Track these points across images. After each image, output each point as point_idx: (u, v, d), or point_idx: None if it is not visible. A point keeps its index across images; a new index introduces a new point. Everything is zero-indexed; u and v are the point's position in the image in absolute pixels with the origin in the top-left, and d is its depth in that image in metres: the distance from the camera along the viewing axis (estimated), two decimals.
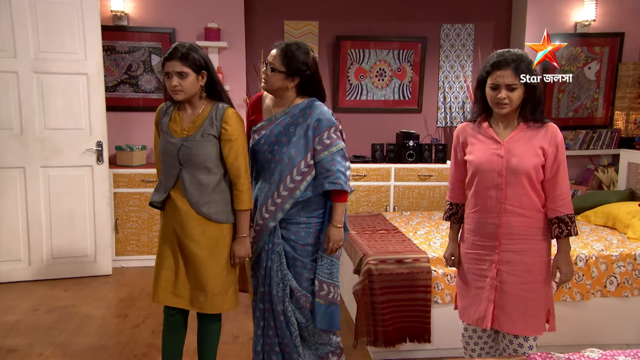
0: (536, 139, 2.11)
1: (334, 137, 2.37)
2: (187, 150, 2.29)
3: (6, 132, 4.13)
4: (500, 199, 2.11)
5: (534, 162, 2.08)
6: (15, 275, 4.25)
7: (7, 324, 3.47)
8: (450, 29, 5.47)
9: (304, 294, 2.46)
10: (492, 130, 2.17)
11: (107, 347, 3.16)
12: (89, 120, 4.26)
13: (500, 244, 2.14)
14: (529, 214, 2.12)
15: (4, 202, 4.17)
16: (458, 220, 2.35)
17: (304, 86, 2.41)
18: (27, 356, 3.04)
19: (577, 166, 5.42)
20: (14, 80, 4.09)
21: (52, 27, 4.11)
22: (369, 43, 5.35)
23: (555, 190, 2.11)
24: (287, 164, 2.37)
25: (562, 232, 2.12)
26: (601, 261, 3.03)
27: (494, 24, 5.52)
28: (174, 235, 2.36)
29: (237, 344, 3.21)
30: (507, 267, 2.14)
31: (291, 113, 2.39)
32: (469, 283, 2.25)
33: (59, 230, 4.31)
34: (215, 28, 4.82)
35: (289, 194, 2.37)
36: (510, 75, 2.03)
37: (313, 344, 2.56)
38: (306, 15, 5.30)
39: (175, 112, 2.37)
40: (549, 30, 5.16)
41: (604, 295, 3.04)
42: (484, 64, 2.13)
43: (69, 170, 4.27)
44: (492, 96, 2.08)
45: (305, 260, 2.45)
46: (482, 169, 2.14)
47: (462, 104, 5.55)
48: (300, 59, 2.32)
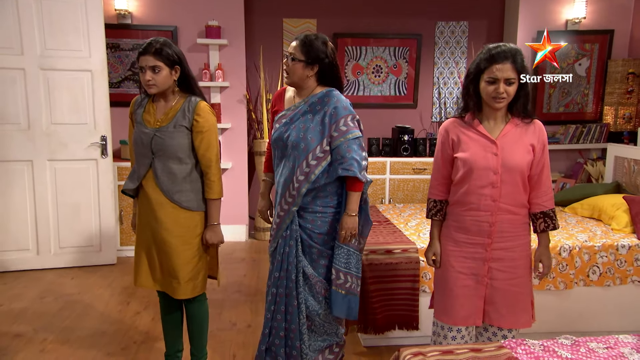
0: (526, 135, 2.07)
1: (351, 124, 2.35)
2: (160, 141, 2.32)
3: (14, 126, 4.16)
4: (495, 197, 2.05)
5: (527, 160, 2.05)
6: (24, 264, 4.29)
7: (15, 311, 3.51)
8: (445, 26, 5.45)
9: (319, 279, 2.45)
10: (482, 127, 2.09)
11: (107, 333, 3.19)
12: (93, 116, 4.28)
13: (492, 241, 2.09)
14: (518, 211, 2.10)
15: (12, 194, 4.21)
16: (443, 217, 2.25)
17: (323, 75, 2.41)
18: (31, 341, 3.08)
19: (567, 160, 5.41)
20: (21, 76, 4.12)
21: (57, 25, 4.12)
22: (366, 40, 5.33)
23: (541, 186, 2.10)
24: (304, 149, 2.36)
25: (547, 227, 2.11)
26: (584, 251, 3.04)
27: (487, 21, 5.49)
28: (147, 222, 2.40)
29: (234, 330, 3.24)
30: (497, 264, 2.11)
31: (310, 101, 2.41)
32: (454, 282, 2.16)
33: (65, 221, 4.34)
34: (215, 26, 4.82)
35: (305, 178, 2.36)
36: (509, 69, 1.96)
37: (321, 334, 2.55)
38: (305, 13, 5.29)
39: (150, 104, 2.40)
40: (540, 27, 5.17)
41: (586, 285, 3.05)
42: (478, 58, 2.04)
43: (75, 163, 4.30)
44: (489, 90, 2.00)
45: (321, 248, 2.44)
46: (478, 167, 2.05)
47: (457, 99, 5.53)
48: (319, 47, 2.35)
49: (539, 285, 3.00)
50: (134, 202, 2.50)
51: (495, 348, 1.71)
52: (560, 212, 3.90)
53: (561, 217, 3.73)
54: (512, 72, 1.96)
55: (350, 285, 2.46)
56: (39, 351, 2.96)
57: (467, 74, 2.09)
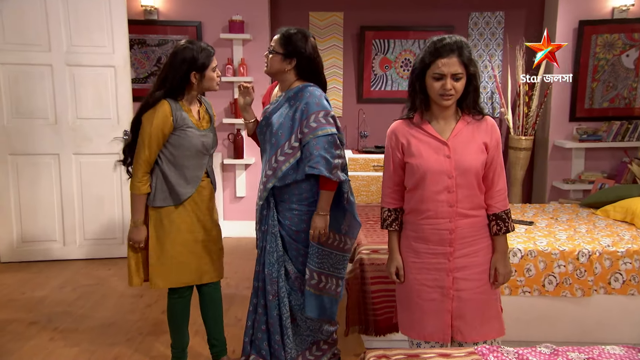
0: (478, 133, 1.98)
1: (323, 121, 2.34)
2: (215, 139, 2.63)
3: (43, 121, 4.39)
4: (452, 202, 1.96)
5: (480, 159, 1.96)
6: (51, 254, 4.53)
7: (35, 299, 3.71)
8: (479, 17, 5.29)
9: (299, 276, 2.50)
10: (431, 127, 1.99)
11: (116, 324, 3.32)
12: (116, 111, 4.45)
13: (454, 250, 1.99)
14: (476, 214, 2.01)
15: (41, 186, 4.44)
16: (399, 227, 2.12)
17: (302, 69, 2.44)
18: (44, 329, 3.25)
19: (611, 159, 5.14)
20: (48, 72, 4.33)
21: (82, 22, 4.30)
22: (394, 33, 5.26)
23: (494, 186, 2.01)
24: (274, 145, 2.41)
25: (500, 229, 2.00)
26: (605, 257, 2.88)
27: (526, 11, 5.29)
28: (198, 220, 2.57)
29: (237, 326, 3.29)
30: (462, 273, 2.01)
31: (286, 96, 2.44)
32: (418, 295, 2.05)
33: (90, 213, 4.54)
34: (239, 20, 4.89)
35: (272, 174, 2.40)
36: (455, 64, 1.87)
37: (305, 329, 2.59)
38: (331, 6, 5.28)
39: (184, 108, 2.50)
40: (583, 16, 4.93)
41: (607, 292, 2.89)
42: (422, 52, 1.95)
43: (98, 157, 4.48)
44: (436, 87, 1.90)
45: (299, 245, 2.48)
46: (431, 173, 1.95)
47: (491, 94, 5.37)
48: (297, 41, 2.39)
49: (553, 292, 2.87)
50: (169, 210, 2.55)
51: (466, 354, 1.65)
52: (591, 214, 3.71)
53: (590, 220, 3.55)
54: (459, 67, 1.87)
55: (325, 285, 2.48)
56: (49, 339, 3.12)
57: (412, 69, 1.98)
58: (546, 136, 5.22)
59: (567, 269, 2.86)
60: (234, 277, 4.18)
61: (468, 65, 1.89)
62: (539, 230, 3.27)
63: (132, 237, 2.53)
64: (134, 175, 2.49)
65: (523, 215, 3.65)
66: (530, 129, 5.06)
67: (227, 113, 5.14)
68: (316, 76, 2.47)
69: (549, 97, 5.10)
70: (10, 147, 4.37)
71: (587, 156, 5.18)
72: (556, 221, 3.50)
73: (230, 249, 4.94)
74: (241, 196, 5.26)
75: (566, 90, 5.08)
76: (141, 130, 2.46)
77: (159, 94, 2.44)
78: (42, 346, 3.03)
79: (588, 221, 3.51)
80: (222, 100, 5.08)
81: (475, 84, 1.95)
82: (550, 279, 2.87)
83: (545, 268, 2.87)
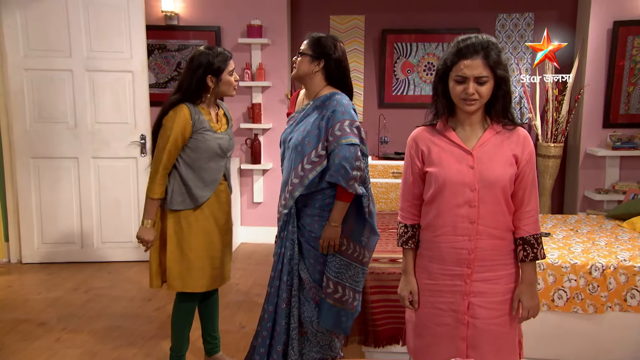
0: (508, 144, 1.83)
1: (347, 130, 2.36)
2: (233, 142, 2.74)
3: (63, 125, 4.58)
4: (473, 218, 1.82)
5: (509, 173, 1.81)
6: (69, 257, 4.71)
7: (48, 300, 3.87)
8: (507, 19, 5.20)
9: (314, 285, 2.49)
10: (455, 135, 1.87)
11: (122, 327, 3.43)
12: (134, 115, 4.60)
13: (472, 272, 1.84)
14: (502, 235, 1.86)
15: (61, 189, 4.64)
16: (416, 245, 1.99)
17: (330, 73, 2.48)
18: (52, 330, 3.39)
19: None
20: (69, 77, 4.53)
21: (102, 28, 4.48)
22: (417, 36, 5.24)
23: (525, 205, 1.85)
24: (300, 152, 2.42)
25: (527, 256, 1.85)
26: (621, 272, 2.78)
27: (557, 11, 5.16)
28: (216, 223, 2.68)
29: (240, 333, 3.35)
30: (480, 299, 1.86)
31: (315, 104, 2.48)
32: (430, 319, 1.94)
33: (107, 217, 4.70)
34: (257, 25, 4.98)
35: (299, 182, 2.41)
36: (480, 66, 1.74)
37: (315, 345, 2.57)
38: (352, 9, 5.31)
39: (203, 111, 2.61)
40: (618, 17, 4.78)
41: (623, 310, 2.79)
42: (446, 53, 1.83)
43: (116, 161, 4.65)
44: (458, 91, 1.78)
45: (317, 252, 2.47)
46: (451, 183, 1.82)
47: (519, 99, 5.26)
48: (326, 43, 2.46)
49: (564, 307, 2.79)
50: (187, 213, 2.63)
51: None
52: (616, 226, 3.58)
53: (613, 232, 3.43)
54: (484, 69, 1.74)
55: (342, 297, 2.46)
56: (55, 340, 3.25)
57: (436, 71, 1.88)
58: (578, 143, 5.07)
59: (579, 284, 2.78)
60: (246, 283, 4.25)
61: (495, 68, 1.75)
62: (554, 242, 3.18)
63: (140, 236, 2.61)
64: (152, 178, 2.57)
65: (542, 227, 3.56)
66: (560, 136, 4.93)
67: (245, 118, 5.23)
68: (343, 81, 2.51)
69: (580, 102, 4.96)
70: (32, 151, 4.58)
71: (623, 165, 5.00)
72: (576, 233, 3.40)
73: (246, 254, 5.03)
74: (259, 202, 5.33)
75: (599, 94, 4.92)
76: (161, 134, 2.55)
77: (176, 97, 2.56)
78: (47, 347, 3.16)
79: (611, 233, 3.39)
80: (240, 105, 5.17)
81: (505, 89, 1.80)
82: (560, 293, 2.79)
83: (554, 282, 2.79)
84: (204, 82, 2.57)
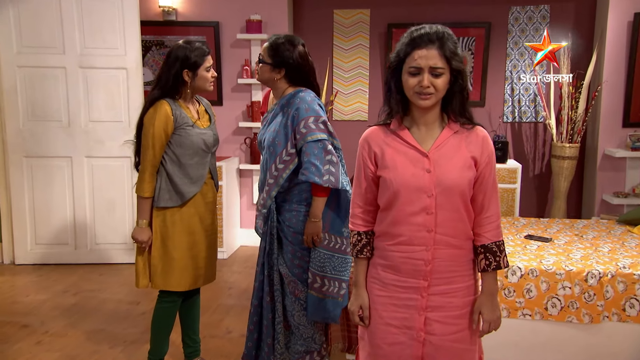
0: (466, 145, 1.78)
1: (312, 127, 2.47)
2: (216, 137, 2.82)
3: (56, 123, 4.70)
4: (430, 226, 1.75)
5: (467, 177, 1.75)
6: (62, 258, 4.83)
7: (35, 302, 3.97)
8: (521, 11, 5.14)
9: (293, 280, 2.62)
10: (410, 135, 1.79)
11: (106, 330, 3.50)
12: (127, 113, 4.69)
13: (429, 284, 1.78)
14: (461, 244, 1.80)
15: (54, 189, 4.75)
16: (371, 253, 1.90)
17: (293, 77, 2.60)
18: (34, 332, 3.48)
19: None
20: (62, 75, 4.64)
21: (95, 24, 4.59)
22: None
23: (485, 211, 1.80)
24: (272, 153, 2.55)
25: (489, 265, 1.80)
26: (619, 280, 2.73)
27: (574, 3, 5.09)
28: (201, 221, 2.76)
29: (225, 338, 3.39)
30: (436, 313, 1.79)
31: (280, 104, 2.60)
32: (382, 338, 1.85)
33: (101, 217, 4.81)
34: (257, 20, 5.03)
35: (274, 182, 2.55)
36: (435, 56, 1.67)
37: (299, 338, 2.69)
38: (357, 3, 5.31)
39: (183, 107, 2.69)
40: (638, 8, 4.68)
41: (621, 320, 2.74)
42: (399, 44, 1.75)
43: (110, 160, 4.74)
44: (411, 84, 1.69)
45: (295, 247, 2.61)
46: (406, 188, 1.75)
47: (534, 97, 5.20)
48: (284, 51, 2.54)
49: (557, 316, 2.76)
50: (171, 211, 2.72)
51: None
52: (625, 232, 3.51)
53: (621, 238, 3.36)
54: (439, 60, 1.67)
55: (328, 289, 2.59)
56: (35, 343, 3.34)
57: (388, 65, 1.79)
58: (595, 144, 4.99)
59: (574, 292, 2.74)
60: (240, 287, 4.30)
61: (451, 59, 1.69)
62: (554, 247, 3.14)
63: (135, 237, 2.70)
64: (140, 177, 2.67)
65: (545, 231, 3.51)
66: (577, 135, 4.85)
67: (244, 116, 5.28)
68: (307, 83, 2.62)
69: (598, 100, 4.88)
70: (25, 150, 4.71)
71: None
72: (580, 238, 3.35)
73: (244, 257, 5.09)
74: None
75: (618, 91, 4.84)
76: (144, 132, 2.65)
77: (155, 93, 2.65)
78: (27, 349, 3.25)
79: (618, 239, 3.33)
80: (238, 103, 5.23)
81: (462, 84, 1.75)
82: (554, 301, 2.76)
83: (548, 289, 2.76)
84: (181, 77, 2.64)
